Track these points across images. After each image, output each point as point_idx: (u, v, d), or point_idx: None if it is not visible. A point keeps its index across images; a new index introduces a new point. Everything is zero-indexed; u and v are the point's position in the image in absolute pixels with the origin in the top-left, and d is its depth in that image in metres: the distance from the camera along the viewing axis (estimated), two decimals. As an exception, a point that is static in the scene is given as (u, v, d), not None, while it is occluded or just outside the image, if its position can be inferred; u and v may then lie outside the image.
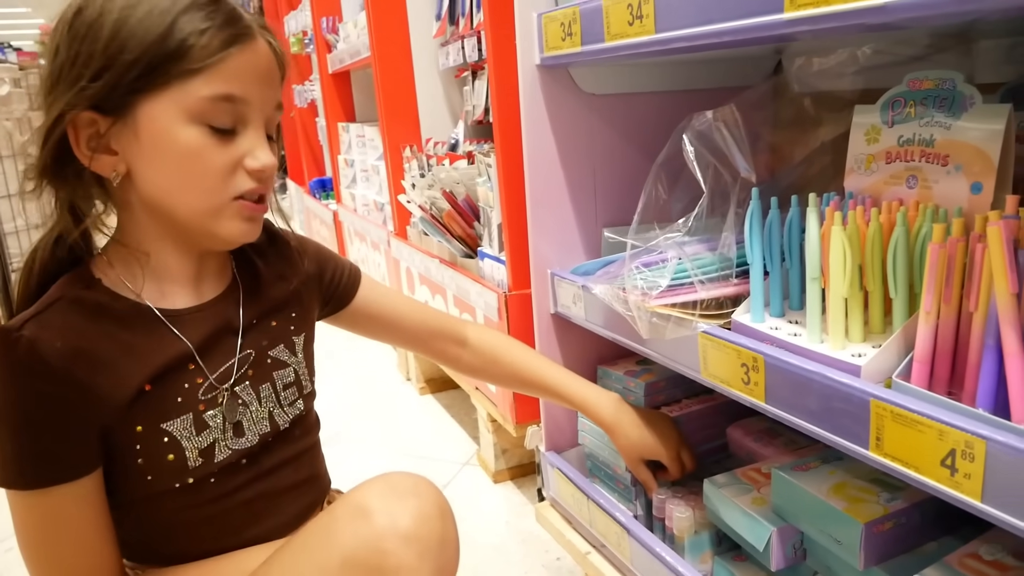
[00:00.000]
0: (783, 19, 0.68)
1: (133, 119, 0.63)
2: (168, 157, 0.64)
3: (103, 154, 0.65)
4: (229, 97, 0.64)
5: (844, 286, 0.75)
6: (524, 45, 1.12)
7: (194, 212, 0.67)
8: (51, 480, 0.65)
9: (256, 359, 0.75)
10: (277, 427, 0.76)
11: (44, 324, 0.64)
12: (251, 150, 0.66)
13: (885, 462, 0.68)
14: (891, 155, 0.83)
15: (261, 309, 0.78)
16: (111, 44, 0.61)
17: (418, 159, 1.90)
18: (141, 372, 0.67)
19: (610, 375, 1.25)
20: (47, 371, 0.62)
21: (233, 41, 0.63)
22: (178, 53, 0.61)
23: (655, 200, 0.90)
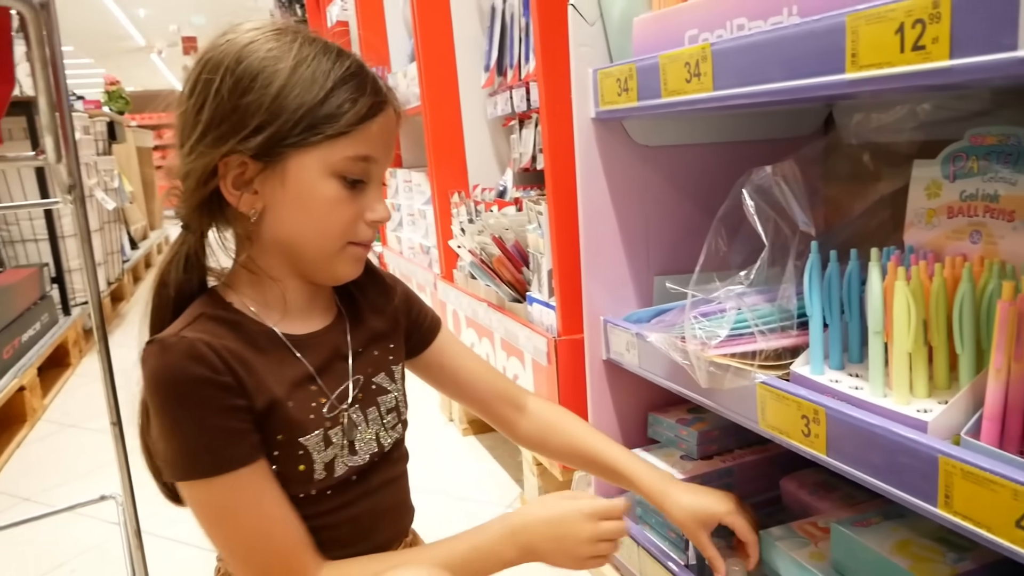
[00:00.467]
0: (845, 79, 0.70)
1: (283, 168, 0.70)
2: (307, 205, 0.71)
3: (247, 194, 0.71)
4: (366, 157, 0.72)
5: (909, 341, 0.75)
6: (579, 99, 1.16)
7: (316, 253, 0.74)
8: (232, 463, 0.68)
9: (363, 384, 0.81)
10: (383, 448, 0.81)
11: (196, 331, 0.69)
12: (371, 204, 0.74)
13: (955, 520, 0.67)
14: (953, 210, 0.83)
15: (364, 338, 0.83)
16: (275, 102, 0.68)
17: (466, 205, 1.94)
18: (279, 386, 0.72)
19: (661, 422, 1.25)
20: (208, 362, 0.67)
21: (376, 110, 0.71)
22: (333, 117, 0.69)
23: (715, 252, 0.92)
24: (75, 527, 1.77)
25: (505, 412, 0.99)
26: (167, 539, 1.68)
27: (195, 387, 0.67)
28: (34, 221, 3.31)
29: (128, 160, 5.65)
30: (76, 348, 3.21)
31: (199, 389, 0.67)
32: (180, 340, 0.68)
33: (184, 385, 0.67)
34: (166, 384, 0.67)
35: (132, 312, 4.28)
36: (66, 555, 1.64)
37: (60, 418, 2.57)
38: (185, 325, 0.71)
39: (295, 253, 0.75)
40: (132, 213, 5.45)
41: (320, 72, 0.69)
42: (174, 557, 1.61)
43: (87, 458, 2.20)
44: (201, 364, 0.67)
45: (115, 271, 4.15)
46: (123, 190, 4.49)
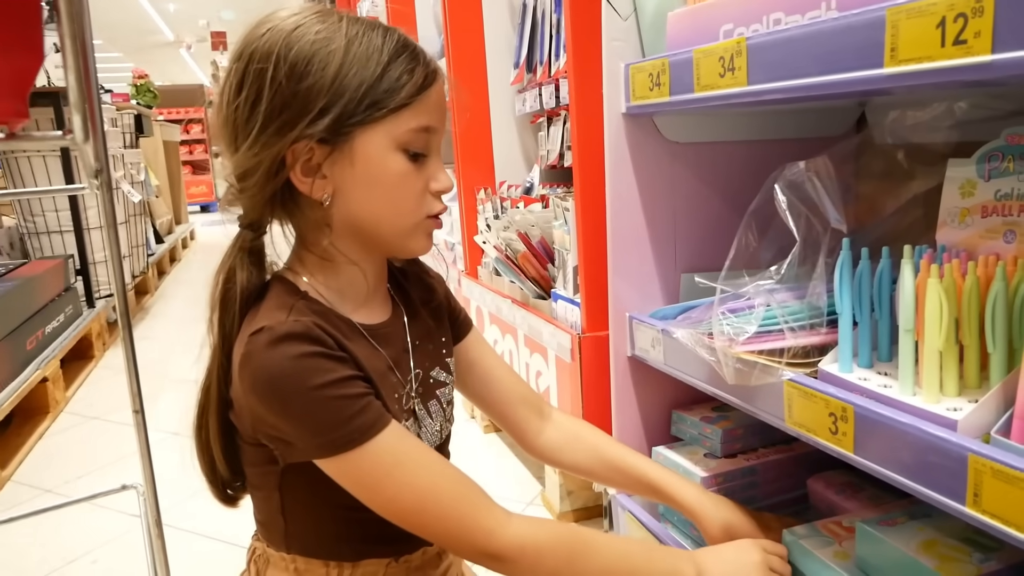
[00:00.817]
0: (883, 74, 0.70)
1: (350, 148, 0.70)
2: (378, 182, 0.72)
3: (317, 179, 0.71)
4: (428, 128, 0.72)
5: (940, 339, 0.75)
6: (611, 94, 1.16)
7: (394, 230, 0.75)
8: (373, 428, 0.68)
9: (423, 377, 0.81)
10: (443, 439, 0.83)
11: (302, 321, 0.68)
12: (434, 174, 0.74)
13: (983, 519, 0.67)
14: (987, 209, 0.83)
15: (420, 331, 0.83)
16: (336, 82, 0.67)
17: (492, 201, 1.95)
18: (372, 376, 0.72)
19: (685, 420, 1.25)
20: (320, 338, 0.67)
21: (432, 80, 0.72)
22: (393, 90, 0.69)
23: (745, 247, 0.92)
24: (97, 518, 1.80)
25: (529, 417, 0.96)
26: (187, 531, 1.71)
27: (318, 363, 0.66)
28: (59, 213, 3.36)
29: (155, 154, 5.74)
30: (100, 340, 3.25)
31: (322, 364, 0.67)
32: (294, 324, 0.67)
33: (308, 364, 0.66)
34: (289, 368, 0.66)
35: (156, 306, 4.33)
36: (88, 546, 1.67)
37: (83, 410, 2.60)
38: (287, 313, 0.69)
39: (370, 234, 0.74)
40: (158, 207, 5.52)
41: (373, 48, 0.69)
42: (193, 549, 1.63)
43: (109, 450, 2.23)
44: (318, 343, 0.67)
45: (140, 264, 4.21)
46: (149, 183, 4.56)
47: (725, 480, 1.14)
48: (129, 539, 1.68)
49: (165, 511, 1.77)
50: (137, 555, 1.59)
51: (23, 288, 2.53)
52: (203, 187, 10.15)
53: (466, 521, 0.70)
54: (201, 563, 1.56)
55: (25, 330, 2.44)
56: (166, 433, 2.29)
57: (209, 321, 0.75)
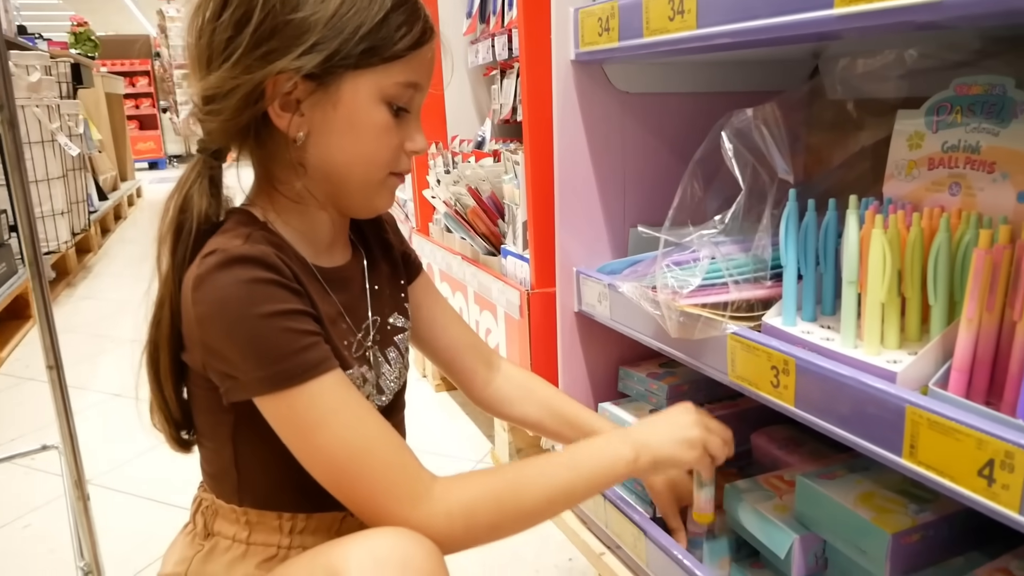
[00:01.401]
0: (832, 15, 0.67)
1: (336, 90, 0.67)
2: (357, 130, 0.69)
3: (291, 114, 0.67)
4: (415, 84, 0.70)
5: (883, 291, 0.74)
6: (559, 40, 1.12)
7: (361, 182, 0.72)
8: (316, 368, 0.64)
9: (381, 324, 0.80)
10: (400, 388, 0.82)
11: (259, 247, 0.65)
12: (412, 134, 0.72)
13: (918, 470, 0.67)
14: (934, 161, 0.82)
15: (378, 277, 0.82)
16: (334, 19, 0.64)
17: (443, 156, 1.90)
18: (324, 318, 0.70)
19: (632, 376, 1.24)
20: (280, 270, 0.65)
21: (428, 38, 0.70)
22: (391, 40, 0.67)
23: (690, 198, 0.89)
24: (30, 482, 1.74)
25: (476, 367, 0.94)
26: (127, 494, 1.66)
27: (271, 291, 0.63)
28: (-6, 165, 3.20)
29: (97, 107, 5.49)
30: (39, 297, 3.13)
31: (275, 292, 0.63)
32: (249, 247, 0.64)
33: (260, 290, 0.63)
34: (239, 292, 0.62)
35: (99, 264, 4.19)
36: (20, 510, 1.61)
37: (19, 371, 2.51)
38: (244, 240, 0.66)
39: (337, 181, 0.72)
40: (101, 162, 5.31)
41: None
42: (132, 512, 1.59)
43: (47, 411, 2.15)
44: (273, 270, 0.64)
45: (81, 221, 4.05)
46: (90, 137, 4.37)
47: (670, 436, 1.13)
48: (62, 503, 1.63)
49: (103, 474, 1.72)
50: (71, 519, 1.55)
51: (-49, 244, 2.41)
52: (151, 143, 9.78)
53: (392, 489, 0.65)
54: (140, 526, 1.52)
55: (-47, 288, 2.33)
56: (107, 395, 2.22)
57: (158, 252, 0.70)
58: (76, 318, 3.06)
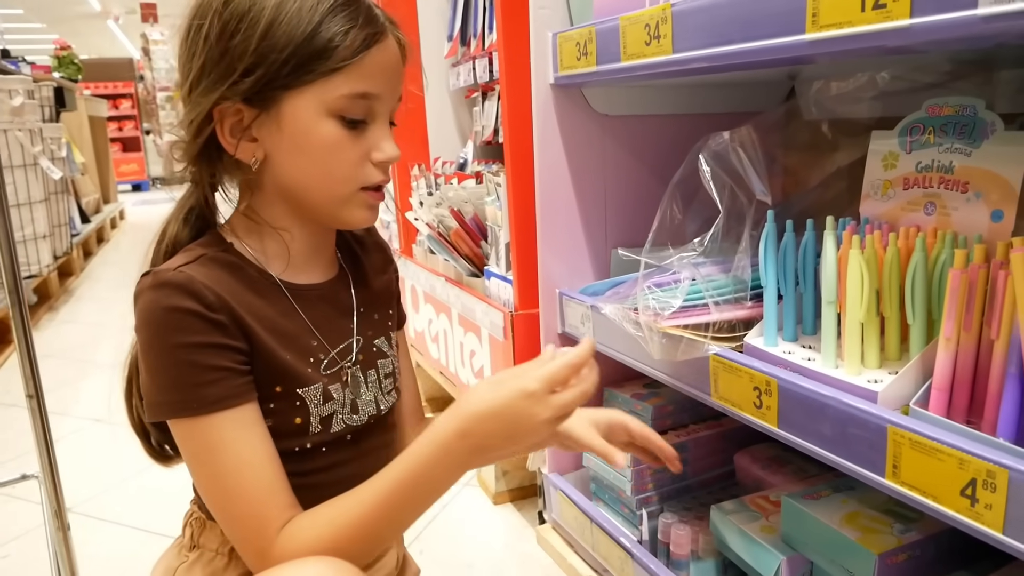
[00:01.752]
0: (804, 40, 0.68)
1: (277, 112, 0.67)
2: (307, 148, 0.68)
3: (246, 141, 0.68)
4: (365, 94, 0.67)
5: (861, 311, 0.74)
6: (538, 64, 1.13)
7: (324, 199, 0.71)
8: (215, 404, 0.65)
9: (364, 345, 0.79)
10: (380, 411, 0.79)
11: (195, 270, 0.67)
12: (377, 143, 0.69)
13: (902, 490, 0.67)
14: (909, 181, 0.82)
15: (367, 299, 0.81)
16: (263, 42, 0.64)
17: (426, 178, 1.90)
18: (276, 334, 0.70)
19: (617, 397, 1.24)
20: (203, 299, 0.65)
21: (371, 41, 0.67)
22: (324, 52, 0.65)
23: (670, 220, 0.90)
24: (9, 511, 1.71)
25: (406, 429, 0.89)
26: (108, 522, 1.63)
27: (186, 321, 0.64)
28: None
29: (80, 130, 5.47)
30: (20, 322, 3.09)
31: (190, 323, 0.64)
32: (177, 273, 0.65)
33: (175, 318, 0.64)
34: (157, 317, 0.64)
35: (82, 287, 4.15)
36: (0, 539, 1.58)
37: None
38: (187, 262, 0.67)
39: (301, 200, 0.72)
40: (83, 185, 5.27)
41: (308, 5, 0.64)
42: (113, 540, 1.56)
43: (27, 438, 2.12)
44: (195, 299, 0.64)
45: (63, 245, 4.01)
46: (72, 160, 4.34)
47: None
48: (43, 532, 1.60)
49: (84, 501, 1.69)
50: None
51: (-72, 270, 2.38)
52: (134, 165, 9.73)
53: (243, 537, 0.67)
54: (122, 553, 1.49)
55: (-69, 315, 2.30)
56: (88, 420, 2.19)
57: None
58: (57, 342, 3.02)
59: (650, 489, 1.14)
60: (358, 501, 0.66)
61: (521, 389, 0.63)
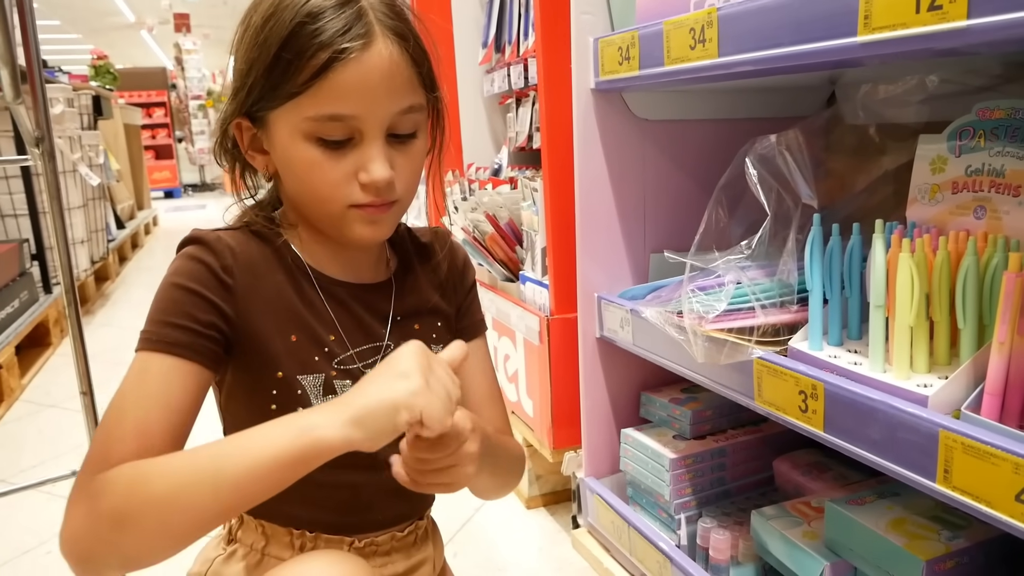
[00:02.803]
0: (856, 43, 0.68)
1: (267, 130, 0.68)
2: (291, 167, 0.68)
3: (258, 154, 0.71)
4: (334, 116, 0.64)
5: (911, 315, 0.74)
6: (579, 69, 1.13)
7: (319, 215, 0.71)
8: (165, 345, 0.64)
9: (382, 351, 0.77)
10: None
11: (230, 235, 0.70)
12: (364, 163, 0.66)
13: (953, 495, 0.66)
14: (958, 185, 0.82)
15: (409, 309, 0.79)
16: (245, 63, 0.66)
17: (460, 183, 1.92)
18: (291, 321, 0.70)
19: (654, 402, 1.24)
20: (221, 258, 0.67)
21: (333, 61, 0.62)
22: (284, 75, 0.63)
23: (715, 223, 0.90)
24: (53, 507, 1.74)
25: None
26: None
27: (196, 270, 0.66)
28: (14, 196, 3.25)
29: (115, 138, 5.57)
30: (57, 327, 3.15)
31: (199, 273, 0.66)
32: (211, 233, 0.69)
33: (188, 265, 0.67)
34: (177, 263, 0.67)
35: (117, 292, 4.22)
36: (42, 536, 1.61)
37: (39, 398, 2.52)
38: (226, 228, 0.71)
39: (305, 215, 0.73)
40: (119, 192, 5.38)
41: (281, 22, 0.63)
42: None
43: (66, 438, 2.16)
44: (214, 255, 0.67)
45: (100, 250, 4.09)
46: (109, 167, 4.43)
47: (695, 462, 1.13)
48: (84, 530, 1.64)
49: (122, 501, 1.72)
50: (93, 546, 1.55)
51: (-26, 273, 2.44)
52: (167, 172, 9.90)
53: (92, 456, 0.60)
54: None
55: (-23, 316, 2.36)
56: (125, 421, 2.23)
57: None
58: (94, 346, 3.06)
59: (688, 494, 1.13)
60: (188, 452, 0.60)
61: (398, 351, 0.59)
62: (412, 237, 0.84)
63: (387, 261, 0.80)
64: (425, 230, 0.86)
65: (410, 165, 0.69)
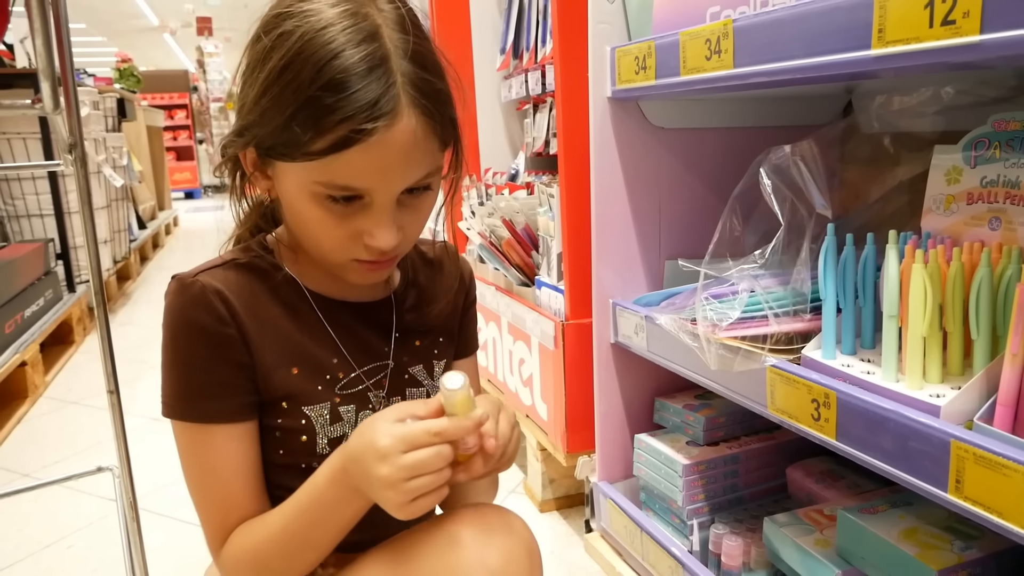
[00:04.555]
0: (869, 56, 0.69)
1: (272, 170, 0.66)
2: (294, 214, 0.68)
3: (261, 177, 0.68)
4: (344, 188, 0.61)
5: (924, 325, 0.74)
6: (596, 77, 1.15)
7: (317, 257, 0.71)
8: (206, 416, 0.68)
9: (395, 370, 0.77)
10: None
11: (214, 277, 0.68)
12: (371, 228, 0.64)
13: (965, 506, 0.66)
14: (973, 196, 0.82)
15: (412, 325, 0.79)
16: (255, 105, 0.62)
17: (477, 188, 1.94)
18: (291, 354, 0.70)
19: (668, 408, 1.24)
20: (213, 310, 0.66)
21: (350, 141, 0.58)
22: (294, 141, 0.59)
23: (729, 232, 0.91)
24: (74, 503, 1.77)
25: None
26: (166, 517, 1.68)
27: (193, 333, 0.66)
28: (40, 196, 3.31)
29: (138, 139, 5.66)
30: (80, 326, 3.21)
31: (196, 336, 0.66)
32: (193, 283, 0.67)
33: (184, 328, 0.67)
34: (169, 322, 0.67)
35: (138, 291, 4.28)
36: (64, 531, 1.64)
37: (62, 395, 2.57)
38: (211, 267, 0.70)
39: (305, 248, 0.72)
40: (140, 192, 5.45)
41: (301, 82, 0.58)
42: (171, 535, 1.61)
43: (87, 435, 2.20)
44: (205, 312, 0.66)
45: (122, 250, 4.16)
46: (132, 168, 4.49)
47: (708, 468, 1.14)
48: (106, 524, 1.66)
49: (143, 496, 1.75)
50: (113, 540, 1.57)
51: (1, 271, 2.48)
52: (187, 174, 10.02)
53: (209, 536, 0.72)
54: (179, 549, 1.54)
55: (3, 313, 2.40)
56: (145, 419, 2.26)
57: None
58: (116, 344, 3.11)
59: (701, 500, 1.14)
60: (278, 517, 0.69)
61: (372, 444, 0.60)
62: (418, 252, 0.83)
63: (388, 277, 0.79)
64: (433, 244, 0.84)
65: (418, 219, 0.68)
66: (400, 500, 0.60)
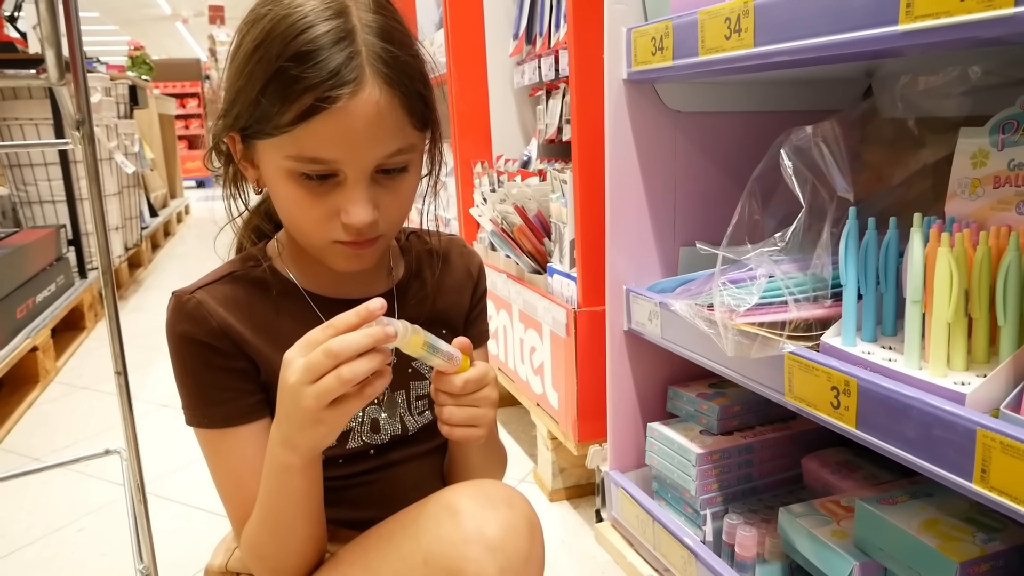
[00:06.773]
0: (897, 32, 0.66)
1: (254, 153, 0.67)
2: (275, 196, 0.69)
3: (249, 166, 0.70)
4: (314, 159, 0.62)
5: (949, 311, 0.72)
6: (611, 60, 1.12)
7: (303, 243, 0.71)
8: (215, 421, 0.71)
9: (397, 365, 0.76)
10: (407, 430, 0.79)
11: (211, 292, 0.71)
12: (345, 204, 0.64)
13: (990, 496, 0.65)
14: (1000, 180, 0.80)
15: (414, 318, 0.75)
16: (233, 87, 0.64)
17: (489, 175, 1.92)
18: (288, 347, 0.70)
19: (681, 396, 1.23)
20: (206, 324, 0.69)
21: (315, 110, 0.59)
22: (268, 113, 0.61)
23: (748, 215, 0.89)
24: (83, 487, 1.78)
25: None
26: (174, 501, 1.69)
27: (190, 346, 0.70)
28: (52, 182, 3.32)
29: (150, 127, 5.67)
30: (91, 312, 3.22)
31: (193, 348, 0.70)
32: (189, 300, 0.70)
33: (181, 342, 0.70)
34: (169, 337, 0.71)
35: (150, 278, 4.30)
36: (74, 515, 1.65)
37: (73, 380, 2.58)
38: (208, 282, 0.72)
39: (292, 237, 0.74)
40: (152, 180, 5.47)
41: (269, 56, 0.60)
42: (178, 520, 1.61)
43: (98, 420, 2.21)
44: (198, 326, 0.69)
45: (133, 237, 4.17)
46: (143, 156, 4.50)
47: (721, 457, 1.12)
48: (115, 508, 1.66)
49: (152, 481, 1.75)
50: (122, 524, 1.57)
51: (14, 256, 2.49)
52: (199, 162, 10.05)
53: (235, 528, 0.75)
54: (186, 533, 1.54)
55: (15, 298, 2.41)
56: (154, 404, 2.27)
57: None
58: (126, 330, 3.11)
59: (715, 490, 1.12)
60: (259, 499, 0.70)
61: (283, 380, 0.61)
62: (423, 244, 0.83)
63: (389, 270, 0.80)
64: (439, 236, 0.84)
65: (396, 201, 0.68)
66: (313, 406, 0.57)
